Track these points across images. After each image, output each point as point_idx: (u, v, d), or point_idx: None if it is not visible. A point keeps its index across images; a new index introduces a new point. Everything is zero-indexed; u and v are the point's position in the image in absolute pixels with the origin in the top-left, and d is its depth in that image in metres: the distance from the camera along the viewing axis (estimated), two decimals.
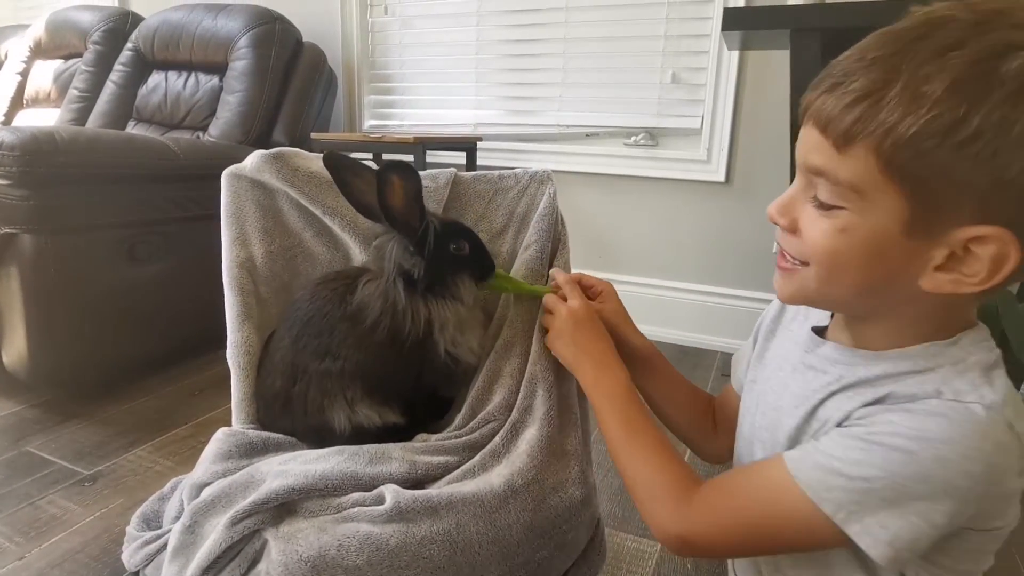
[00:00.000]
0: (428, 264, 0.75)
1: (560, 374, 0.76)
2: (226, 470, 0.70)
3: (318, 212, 0.88)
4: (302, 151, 0.90)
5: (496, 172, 0.97)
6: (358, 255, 0.88)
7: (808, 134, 0.48)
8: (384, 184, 0.71)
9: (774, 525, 0.51)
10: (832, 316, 0.59)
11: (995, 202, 0.42)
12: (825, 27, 1.28)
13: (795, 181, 0.52)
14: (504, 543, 0.63)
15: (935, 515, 0.45)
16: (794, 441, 0.56)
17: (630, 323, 0.80)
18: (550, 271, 0.81)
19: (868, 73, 0.44)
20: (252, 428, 0.79)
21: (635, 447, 0.61)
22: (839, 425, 0.50)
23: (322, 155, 0.91)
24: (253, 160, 0.87)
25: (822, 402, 0.53)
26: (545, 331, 0.77)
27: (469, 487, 0.65)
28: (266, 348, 0.83)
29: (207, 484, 0.68)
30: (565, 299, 0.75)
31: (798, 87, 1.33)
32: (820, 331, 0.60)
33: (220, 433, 0.77)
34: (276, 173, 0.86)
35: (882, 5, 1.25)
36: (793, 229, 0.51)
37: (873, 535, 0.46)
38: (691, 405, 0.80)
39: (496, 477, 0.67)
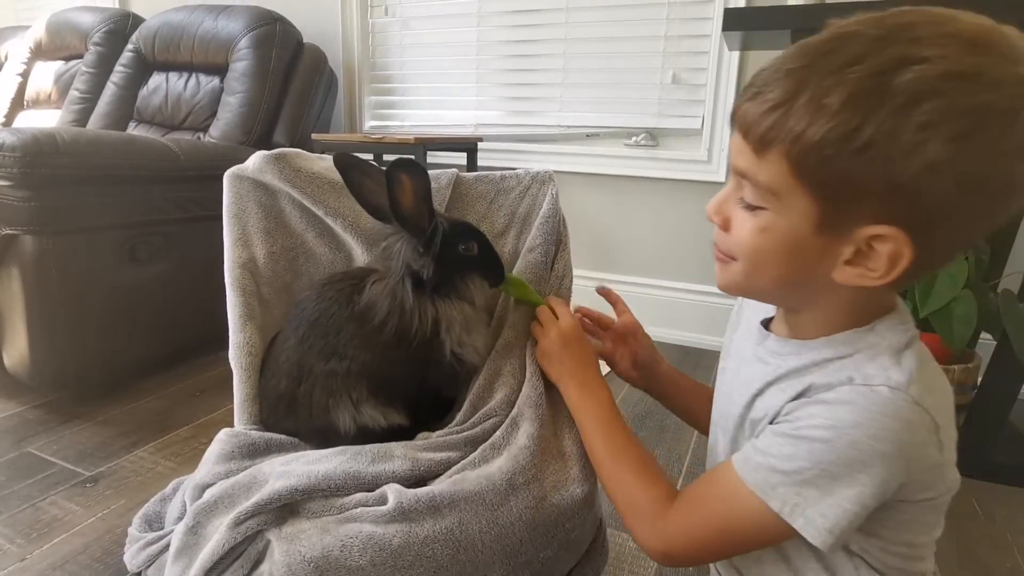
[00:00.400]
0: (437, 264, 0.75)
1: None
2: (229, 471, 0.70)
3: (320, 213, 0.88)
4: (304, 152, 0.90)
5: (498, 173, 0.97)
6: (360, 256, 0.88)
7: (735, 139, 0.52)
8: (393, 182, 0.71)
9: (739, 528, 0.54)
10: (777, 308, 0.63)
11: (890, 204, 0.45)
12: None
13: (728, 182, 0.55)
14: (507, 541, 0.63)
15: (863, 497, 0.48)
16: (738, 429, 0.60)
17: (659, 356, 0.86)
18: (547, 297, 0.84)
19: (782, 84, 0.46)
20: (255, 429, 0.79)
21: (617, 467, 0.65)
22: (772, 422, 0.54)
23: (323, 155, 0.92)
24: (255, 161, 0.87)
25: (761, 392, 0.57)
26: (535, 343, 0.80)
27: (471, 485, 0.65)
28: (270, 349, 0.82)
29: (209, 485, 0.68)
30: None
31: None
32: (768, 323, 0.64)
33: (222, 434, 0.77)
34: (278, 174, 0.86)
35: (883, 5, 1.25)
36: (726, 227, 0.55)
37: (815, 526, 0.49)
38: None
39: (497, 472, 0.67)
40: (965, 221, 0.47)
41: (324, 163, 0.89)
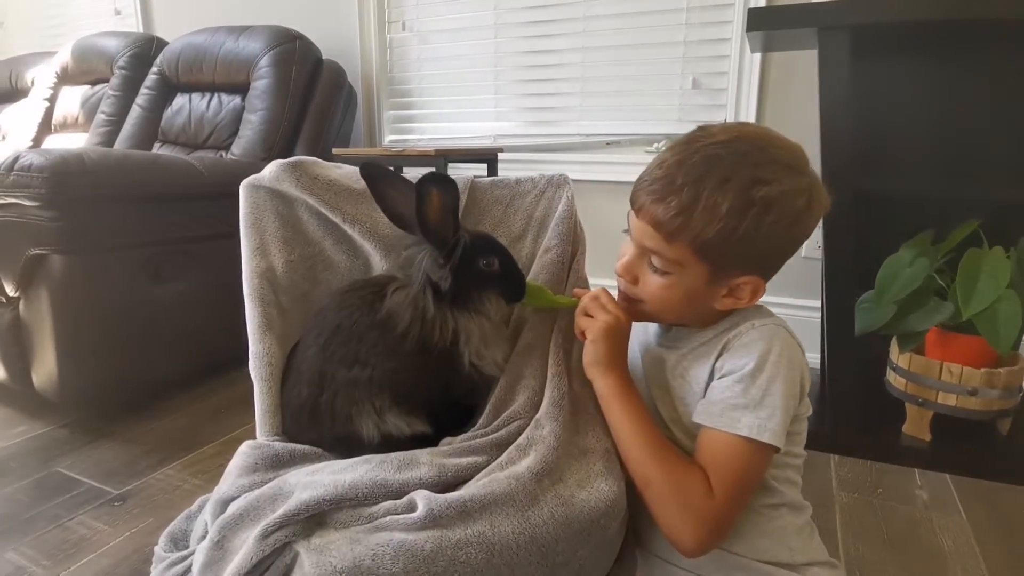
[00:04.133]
0: (456, 277, 0.75)
1: (575, 376, 0.78)
2: (252, 483, 0.68)
3: (337, 220, 0.87)
4: (320, 160, 0.90)
5: (513, 177, 0.97)
6: (378, 262, 0.87)
7: (643, 226, 0.72)
8: (424, 196, 0.71)
9: (743, 470, 0.68)
10: None
11: (752, 265, 0.72)
12: (854, 24, 1.25)
13: (632, 251, 0.76)
14: (541, 541, 0.62)
15: (792, 390, 0.69)
16: (669, 389, 0.78)
17: None
18: (575, 290, 0.83)
19: (680, 195, 0.68)
20: (277, 440, 0.77)
21: (663, 456, 0.70)
22: (710, 380, 0.73)
23: (339, 164, 0.91)
24: (271, 169, 0.86)
25: (681, 360, 0.78)
26: (568, 334, 0.81)
27: (500, 487, 0.64)
28: (291, 358, 0.81)
29: (233, 498, 0.66)
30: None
31: (827, 86, 1.31)
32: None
33: (245, 446, 0.75)
34: (295, 182, 0.85)
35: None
36: (635, 282, 0.76)
37: (771, 431, 0.67)
38: None
39: (526, 472, 0.66)
40: (787, 259, 0.74)
41: (340, 171, 0.89)
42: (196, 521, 0.82)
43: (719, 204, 0.66)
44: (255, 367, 0.80)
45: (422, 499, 0.61)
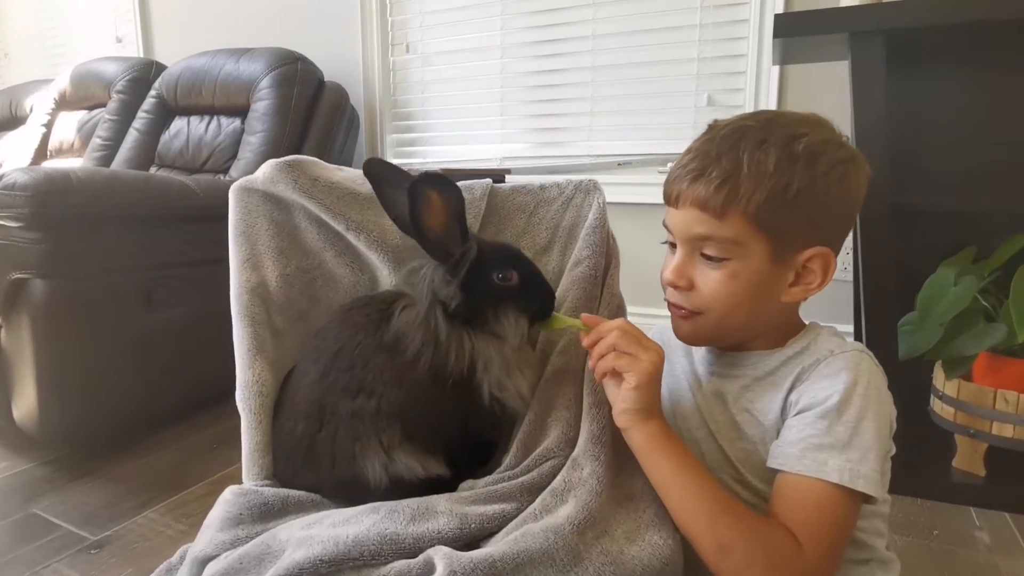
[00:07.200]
0: (467, 294, 0.66)
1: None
2: (236, 539, 0.58)
3: (340, 228, 0.78)
4: (320, 160, 0.81)
5: (537, 183, 0.89)
6: (386, 277, 0.78)
7: (687, 213, 0.65)
8: (420, 200, 0.63)
9: (836, 522, 0.58)
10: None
11: (815, 231, 0.64)
12: (889, 28, 1.19)
13: (678, 253, 0.68)
14: None
15: (884, 427, 0.61)
16: (729, 428, 0.69)
17: None
18: (583, 316, 0.71)
19: (719, 165, 0.62)
20: (267, 485, 0.67)
21: (738, 512, 0.59)
22: (784, 415, 0.65)
23: (341, 166, 0.83)
24: (266, 170, 0.78)
25: (744, 391, 0.69)
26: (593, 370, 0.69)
27: (536, 542, 0.53)
28: (284, 387, 0.72)
29: (212, 558, 0.56)
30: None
31: (861, 95, 1.23)
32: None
33: (228, 493, 0.65)
34: (292, 184, 0.77)
35: (950, 2, 1.16)
36: (690, 287, 0.67)
37: (865, 476, 0.57)
38: None
39: (566, 523, 0.55)
40: (849, 227, 0.70)
41: (343, 173, 0.81)
42: (177, 575, 0.72)
43: (764, 162, 0.61)
44: (243, 397, 0.71)
45: (441, 558, 0.51)
